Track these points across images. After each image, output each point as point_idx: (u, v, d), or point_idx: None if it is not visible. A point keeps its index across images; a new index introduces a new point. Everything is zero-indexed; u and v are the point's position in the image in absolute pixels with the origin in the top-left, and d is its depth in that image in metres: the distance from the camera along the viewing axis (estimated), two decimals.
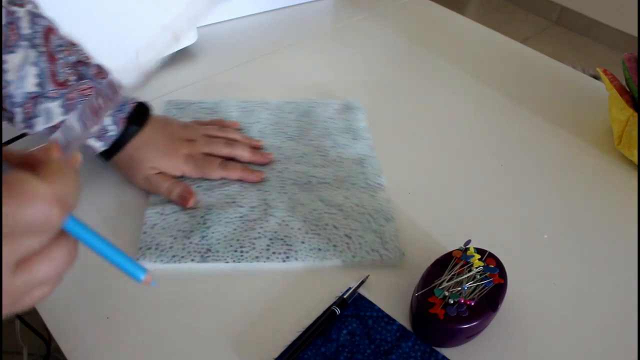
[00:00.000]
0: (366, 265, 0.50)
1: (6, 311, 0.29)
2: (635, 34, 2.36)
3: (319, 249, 0.51)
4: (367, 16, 0.92)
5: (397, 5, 0.96)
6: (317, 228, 0.53)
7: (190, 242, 0.51)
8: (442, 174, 0.62)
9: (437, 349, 0.44)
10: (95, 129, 0.51)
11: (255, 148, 0.61)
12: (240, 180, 0.57)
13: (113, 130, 0.53)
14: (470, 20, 0.93)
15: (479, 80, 0.77)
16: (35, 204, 0.25)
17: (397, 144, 0.65)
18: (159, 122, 0.57)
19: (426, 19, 0.93)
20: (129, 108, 0.54)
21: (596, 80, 0.79)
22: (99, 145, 0.53)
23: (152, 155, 0.55)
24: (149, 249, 0.50)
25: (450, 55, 0.82)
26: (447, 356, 0.44)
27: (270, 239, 0.51)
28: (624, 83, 0.65)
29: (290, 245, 0.51)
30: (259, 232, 0.52)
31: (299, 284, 0.49)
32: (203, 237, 0.51)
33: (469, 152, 0.65)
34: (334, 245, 0.51)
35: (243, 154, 0.59)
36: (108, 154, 0.55)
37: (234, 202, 0.55)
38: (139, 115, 0.55)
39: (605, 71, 0.65)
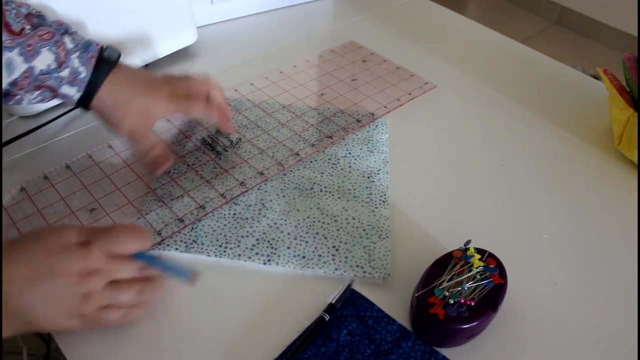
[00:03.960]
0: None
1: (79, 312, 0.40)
2: (635, 34, 2.36)
3: (303, 257, 0.50)
4: (367, 16, 0.92)
5: (397, 5, 0.96)
6: (306, 235, 0.52)
7: (180, 232, 0.52)
8: (442, 173, 0.62)
9: (437, 349, 0.44)
10: (66, 73, 0.51)
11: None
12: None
13: (83, 72, 0.52)
14: (470, 20, 0.93)
15: (479, 80, 0.77)
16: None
17: (395, 144, 0.65)
18: (133, 68, 0.56)
19: (426, 19, 0.93)
20: (95, 48, 0.53)
21: (596, 80, 0.79)
22: (73, 92, 0.52)
23: (136, 97, 0.53)
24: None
25: (450, 55, 0.82)
26: (447, 356, 0.44)
27: (257, 240, 0.52)
28: (624, 83, 0.65)
29: (276, 248, 0.51)
30: (247, 231, 0.52)
31: (292, 285, 0.49)
32: (193, 228, 0.52)
33: (469, 152, 0.65)
34: (319, 255, 0.51)
35: (217, 94, 0.59)
36: (86, 100, 0.53)
37: (231, 199, 0.56)
38: (110, 56, 0.54)
39: (605, 71, 0.65)
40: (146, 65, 0.75)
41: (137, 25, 0.69)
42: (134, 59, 0.72)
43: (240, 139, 0.64)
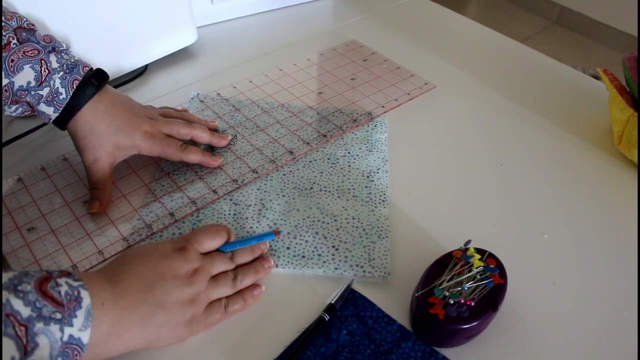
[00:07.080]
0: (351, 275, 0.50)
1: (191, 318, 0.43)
2: (635, 34, 2.36)
3: (303, 256, 0.50)
4: (367, 16, 0.92)
5: (397, 5, 0.96)
6: (306, 235, 0.52)
7: (180, 233, 0.52)
8: (442, 173, 0.62)
9: (437, 349, 0.44)
10: (45, 92, 0.50)
11: (212, 130, 0.62)
12: (199, 165, 0.59)
13: (63, 93, 0.51)
14: (470, 20, 0.93)
15: (479, 80, 0.77)
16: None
17: (395, 143, 0.65)
18: (121, 96, 0.56)
19: (426, 19, 0.93)
20: (80, 71, 0.52)
21: (596, 80, 0.79)
22: (50, 112, 0.51)
23: (112, 132, 0.53)
24: (140, 234, 0.52)
25: (450, 55, 0.82)
26: (447, 356, 0.44)
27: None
28: (624, 83, 0.65)
29: (275, 250, 0.51)
30: (247, 231, 0.52)
31: (292, 285, 0.49)
32: (193, 229, 0.52)
33: (469, 151, 0.65)
34: (319, 255, 0.51)
35: (202, 134, 0.59)
36: (63, 121, 0.52)
37: (231, 199, 0.56)
38: (96, 81, 0.52)
39: (605, 71, 0.65)
40: (146, 66, 0.75)
41: (137, 25, 0.69)
42: (134, 59, 0.72)
43: (236, 136, 0.64)
